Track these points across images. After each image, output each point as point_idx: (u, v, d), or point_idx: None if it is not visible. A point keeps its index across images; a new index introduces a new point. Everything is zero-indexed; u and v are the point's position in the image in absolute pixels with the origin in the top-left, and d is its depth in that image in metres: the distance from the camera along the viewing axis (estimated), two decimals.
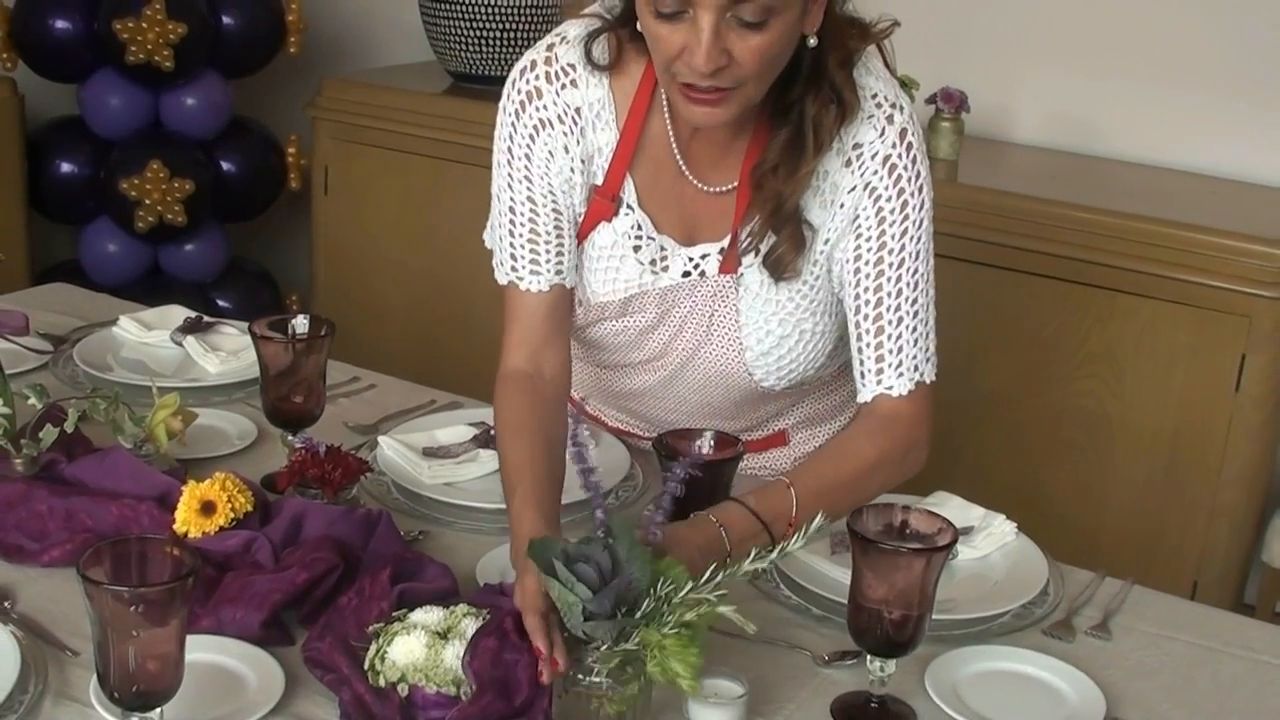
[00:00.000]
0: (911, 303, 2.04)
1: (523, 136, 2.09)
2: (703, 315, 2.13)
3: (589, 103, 2.06)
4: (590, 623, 1.55)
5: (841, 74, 1.96)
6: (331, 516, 1.94)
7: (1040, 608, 1.99)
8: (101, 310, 2.92)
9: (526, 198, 2.10)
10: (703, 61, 1.81)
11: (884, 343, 2.04)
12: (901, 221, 2.02)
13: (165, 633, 1.48)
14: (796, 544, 1.64)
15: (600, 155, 2.09)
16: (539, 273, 2.11)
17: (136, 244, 4.53)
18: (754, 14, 1.80)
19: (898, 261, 2.02)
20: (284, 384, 2.14)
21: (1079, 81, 3.94)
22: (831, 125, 1.97)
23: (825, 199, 2.04)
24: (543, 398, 2.08)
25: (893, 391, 2.05)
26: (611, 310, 2.15)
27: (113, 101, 4.43)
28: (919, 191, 2.03)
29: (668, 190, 2.10)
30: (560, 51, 2.07)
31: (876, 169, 2.01)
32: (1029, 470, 3.53)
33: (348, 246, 4.48)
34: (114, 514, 1.96)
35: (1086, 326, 3.43)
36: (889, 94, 2.02)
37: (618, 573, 1.56)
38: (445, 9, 4.23)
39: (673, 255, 2.12)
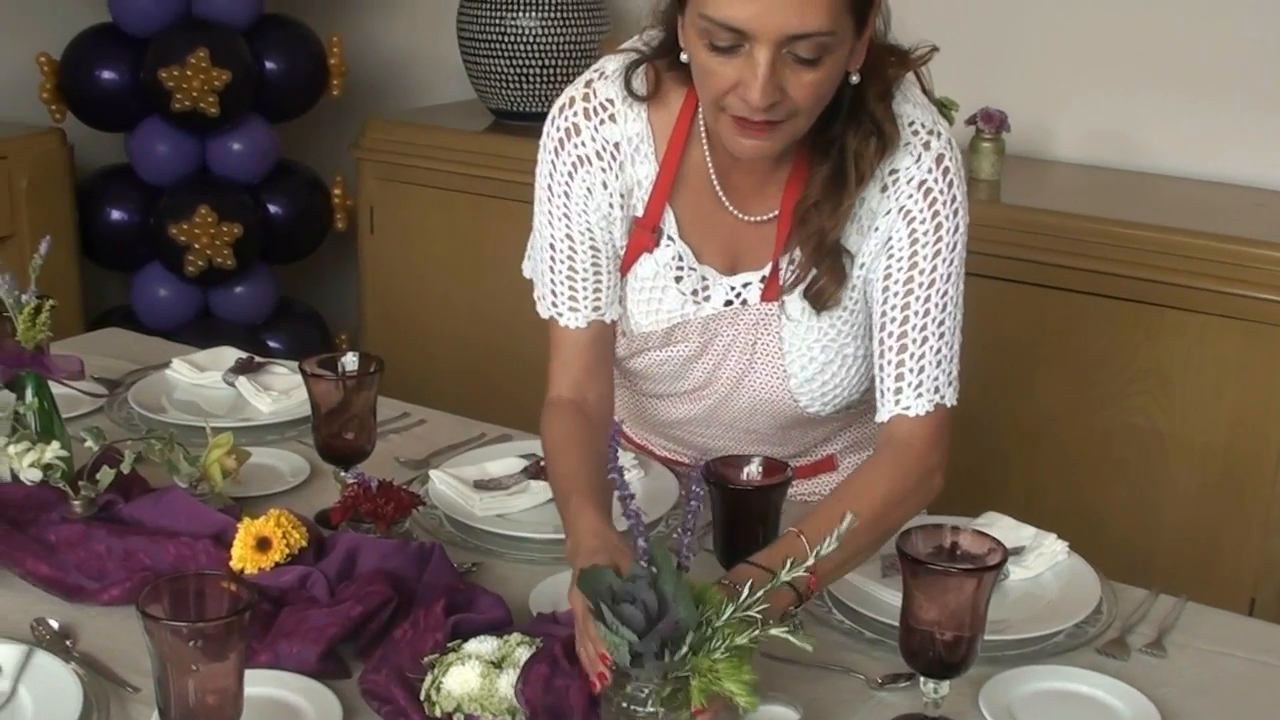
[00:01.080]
0: (938, 324, 2.03)
1: (561, 174, 2.10)
2: (746, 344, 2.14)
3: (628, 137, 2.08)
4: (637, 666, 1.55)
5: (881, 106, 1.97)
6: (385, 550, 1.96)
7: (1094, 626, 1.98)
8: (154, 353, 2.95)
9: (565, 235, 2.12)
10: (759, 96, 1.82)
11: (905, 361, 2.03)
12: (934, 243, 2.01)
13: (224, 667, 1.50)
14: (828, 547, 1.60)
15: (640, 188, 2.10)
16: (577, 309, 2.14)
17: (187, 288, 4.57)
18: (810, 51, 1.80)
19: (927, 282, 2.02)
20: (335, 421, 2.16)
21: (1119, 97, 3.93)
22: (872, 158, 1.97)
23: (861, 225, 2.04)
24: (588, 420, 2.11)
25: (909, 412, 2.03)
26: (655, 341, 2.17)
27: (160, 149, 4.48)
28: (954, 215, 2.02)
29: (708, 220, 2.11)
30: (599, 87, 2.08)
31: (911, 193, 2.01)
32: (1080, 489, 3.51)
33: (395, 284, 4.51)
34: (171, 552, 1.98)
35: (1135, 343, 3.41)
36: (926, 121, 2.03)
37: (664, 613, 1.55)
38: (486, 47, 4.26)
39: (714, 285, 2.13)
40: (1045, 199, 3.70)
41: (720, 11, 1.79)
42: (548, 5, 4.21)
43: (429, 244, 4.40)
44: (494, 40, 4.23)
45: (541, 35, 4.20)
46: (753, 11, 1.78)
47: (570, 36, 4.22)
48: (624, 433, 2.46)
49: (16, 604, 1.96)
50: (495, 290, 4.17)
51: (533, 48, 4.21)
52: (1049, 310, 3.47)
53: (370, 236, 4.51)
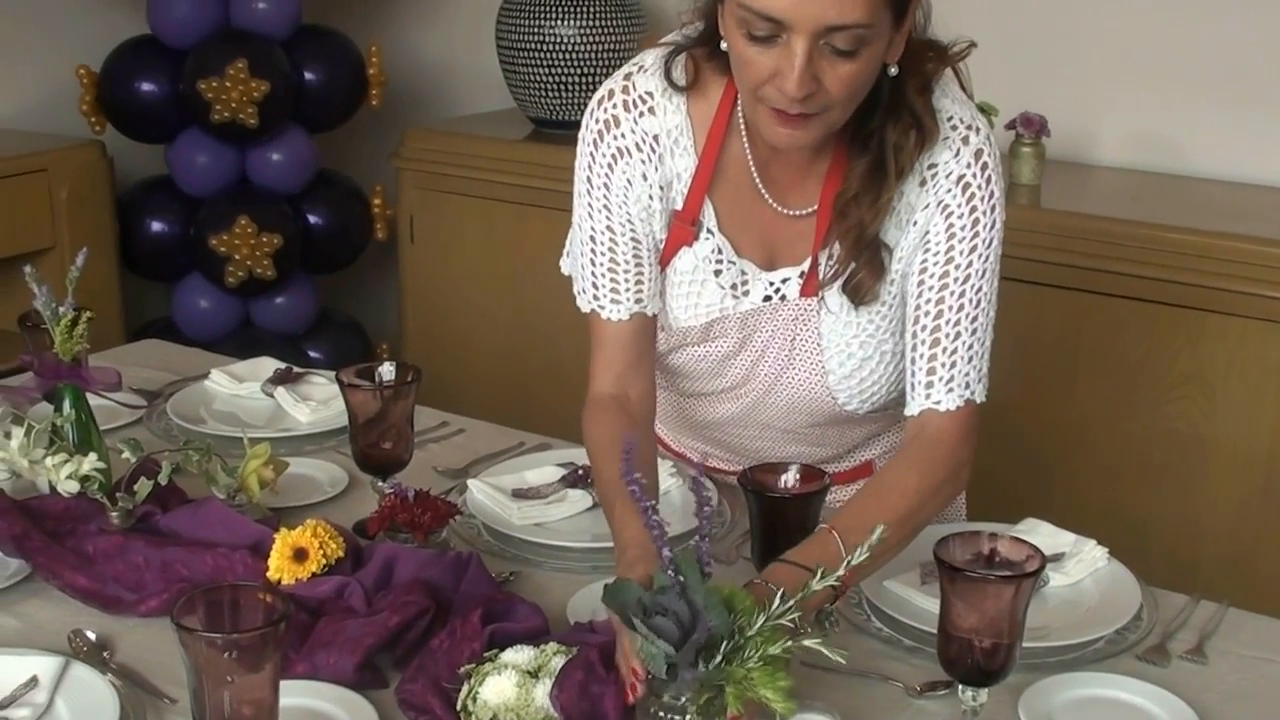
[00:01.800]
0: (971, 320, 2.03)
1: (601, 166, 2.11)
2: (784, 340, 2.14)
3: (667, 129, 2.08)
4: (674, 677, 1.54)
5: (921, 100, 1.97)
6: (422, 560, 1.95)
7: (1134, 633, 1.96)
8: (193, 364, 2.96)
9: (606, 227, 2.13)
10: (794, 87, 1.82)
11: (938, 355, 2.03)
12: (971, 239, 2.02)
13: (260, 678, 1.50)
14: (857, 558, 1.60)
15: (679, 181, 2.10)
16: (619, 302, 2.14)
17: (228, 299, 4.59)
18: (847, 43, 1.80)
19: (963, 277, 2.02)
20: (373, 431, 2.15)
21: (1159, 101, 3.91)
22: (911, 151, 1.98)
23: (900, 219, 2.04)
24: (631, 418, 2.12)
25: (940, 407, 2.03)
26: (693, 336, 2.17)
27: (200, 160, 4.50)
28: (991, 211, 2.02)
29: (747, 214, 2.11)
30: (638, 80, 2.09)
31: (950, 188, 2.01)
32: (1121, 496, 3.49)
33: (435, 294, 4.52)
34: (209, 564, 1.99)
35: (1176, 348, 3.39)
36: (965, 116, 2.03)
37: (696, 622, 1.54)
38: (524, 56, 4.27)
39: (754, 279, 2.13)
40: (1086, 204, 3.69)
41: (759, 1, 1.80)
42: (586, 13, 4.22)
43: (469, 253, 4.41)
44: (533, 48, 4.24)
45: (580, 43, 4.21)
46: (790, 1, 1.78)
47: (609, 44, 4.23)
48: (662, 440, 2.45)
49: (54, 616, 1.97)
50: (535, 299, 4.18)
51: (571, 56, 4.22)
52: (1090, 315, 3.46)
53: (410, 246, 4.53)
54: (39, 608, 1.99)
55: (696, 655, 1.53)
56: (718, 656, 1.54)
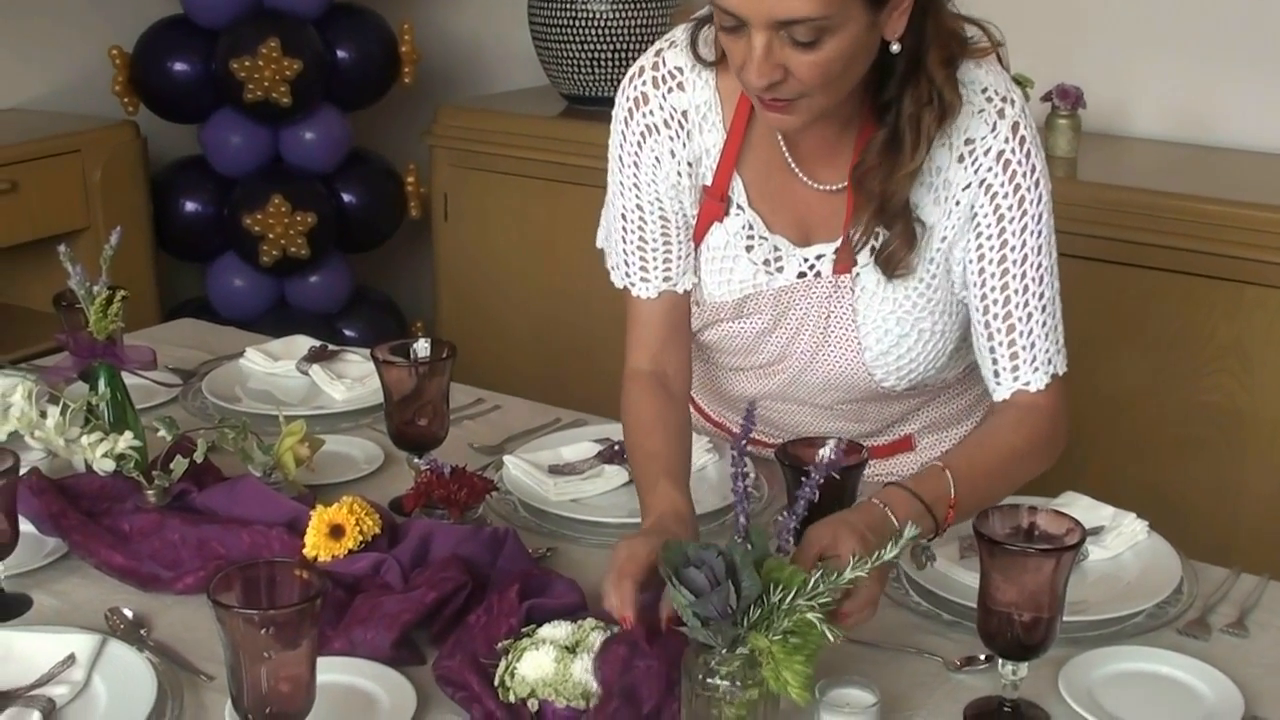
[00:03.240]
0: (1039, 297, 2.03)
1: (631, 143, 2.12)
2: (820, 316, 2.13)
3: (695, 105, 2.09)
4: (704, 627, 1.55)
5: (942, 73, 1.95)
6: (459, 536, 1.95)
7: (1174, 607, 1.95)
8: (227, 343, 2.97)
9: (635, 205, 2.14)
10: (754, 76, 1.85)
11: (1017, 339, 2.03)
12: (1020, 217, 2.01)
13: (296, 655, 1.50)
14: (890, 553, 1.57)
15: (708, 156, 2.11)
16: (648, 280, 2.16)
17: (262, 278, 4.60)
18: (806, 34, 1.80)
19: (1020, 258, 2.01)
20: (408, 408, 2.15)
21: (1196, 72, 3.89)
22: (931, 124, 1.96)
23: (939, 195, 2.03)
24: (668, 394, 2.14)
25: (1030, 387, 2.04)
26: (727, 311, 2.17)
27: (233, 140, 4.50)
28: (1035, 186, 2.01)
29: (779, 190, 2.11)
30: (668, 55, 2.10)
31: (991, 165, 2.00)
32: (1159, 468, 3.48)
33: (469, 271, 4.52)
34: (245, 541, 1.99)
35: (1214, 321, 3.37)
36: (999, 88, 2.01)
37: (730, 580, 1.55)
38: (557, 32, 4.26)
39: (787, 256, 2.12)
40: (1122, 175, 3.66)
41: None
42: None
43: (503, 230, 4.40)
44: (565, 25, 4.23)
45: (613, 19, 4.20)
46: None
47: (641, 20, 4.21)
48: (701, 410, 2.46)
49: (91, 594, 1.97)
50: (570, 275, 4.17)
51: (604, 32, 4.21)
52: (1126, 288, 3.44)
53: (444, 224, 4.53)
54: (76, 586, 1.99)
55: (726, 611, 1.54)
56: (746, 621, 1.55)
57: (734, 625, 1.54)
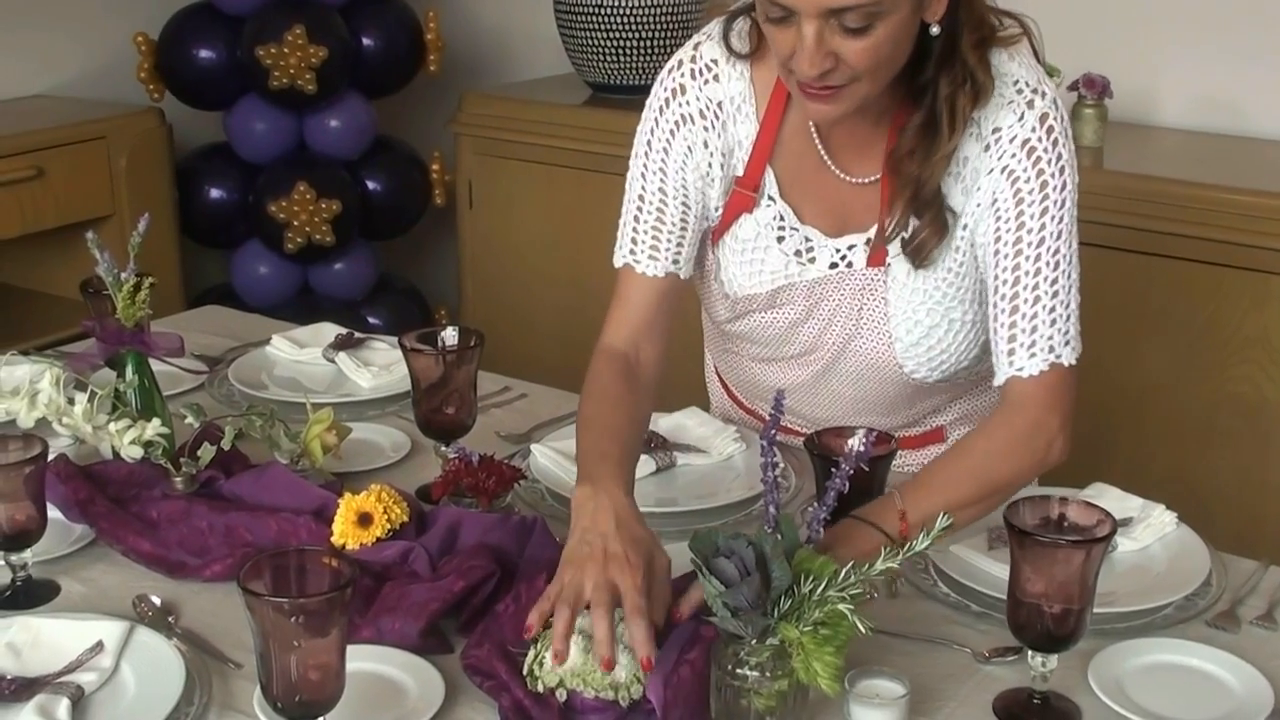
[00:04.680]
0: (1050, 283, 1.99)
1: (664, 131, 2.13)
2: (852, 308, 2.13)
3: (730, 96, 2.10)
4: (734, 617, 1.55)
5: (975, 54, 1.95)
6: (487, 524, 1.95)
7: (1203, 599, 1.95)
8: (254, 330, 2.97)
9: (659, 188, 2.15)
10: (806, 66, 1.85)
11: (1017, 322, 1.99)
12: (1040, 201, 1.99)
13: (326, 643, 1.50)
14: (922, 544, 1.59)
15: (741, 148, 2.11)
16: (657, 259, 2.15)
17: (287, 265, 4.60)
18: (857, 20, 1.82)
19: (1036, 241, 1.99)
20: (436, 396, 2.15)
21: (1223, 61, 3.86)
22: (965, 105, 1.96)
23: (966, 184, 2.03)
24: (634, 376, 2.13)
25: (1023, 373, 1.99)
26: (759, 302, 2.17)
27: (258, 127, 4.50)
28: (1059, 174, 1.99)
29: (810, 181, 2.11)
30: (705, 48, 2.12)
31: (1015, 152, 1.99)
32: (1186, 460, 3.47)
33: (494, 259, 4.51)
34: (273, 528, 1.99)
35: (1241, 311, 3.36)
36: (1031, 80, 2.00)
37: (760, 570, 1.55)
38: (582, 20, 4.25)
39: (819, 247, 2.13)
40: (1149, 165, 3.65)
41: None
42: None
43: (528, 218, 4.40)
44: (590, 13, 4.22)
45: (638, 7, 4.18)
46: None
47: (667, 8, 4.20)
48: (735, 398, 2.47)
49: (119, 581, 1.97)
50: (594, 263, 4.10)
51: (629, 20, 4.19)
52: (1153, 278, 3.43)
53: (469, 212, 4.52)
54: (103, 573, 2.00)
55: (755, 602, 1.54)
56: (776, 611, 1.55)
57: (764, 616, 1.54)
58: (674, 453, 2.29)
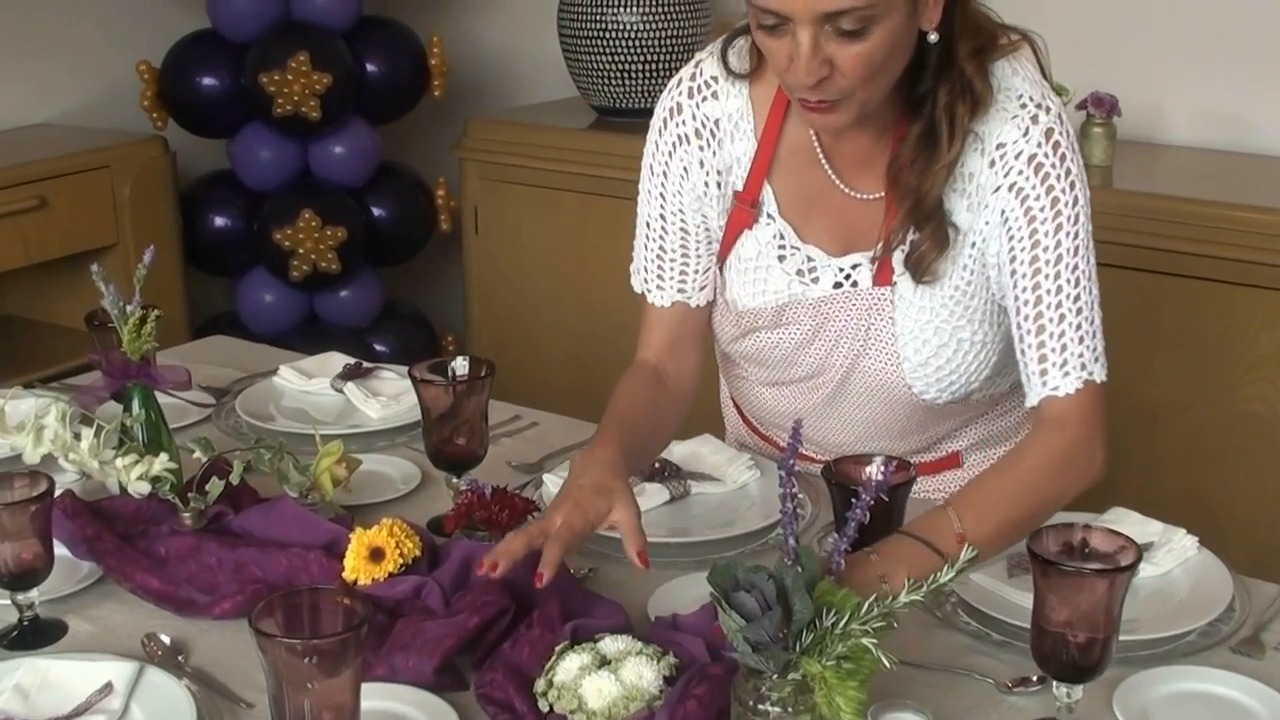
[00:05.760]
0: (1073, 300, 1.98)
1: (662, 152, 2.17)
2: (858, 328, 2.12)
3: (728, 113, 2.11)
4: (754, 652, 1.52)
5: (973, 63, 1.95)
6: None
7: (1227, 624, 1.92)
8: (260, 360, 2.95)
9: (659, 214, 2.19)
10: (803, 74, 1.85)
11: (1046, 342, 1.98)
12: (1054, 219, 1.97)
13: (340, 683, 1.47)
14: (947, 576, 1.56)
15: (739, 165, 2.12)
16: (662, 289, 2.22)
17: (292, 293, 4.58)
18: (852, 23, 1.82)
19: (1053, 259, 1.97)
20: (446, 426, 2.13)
21: (1231, 78, 3.84)
22: (964, 115, 1.96)
23: (972, 201, 2.02)
24: (663, 386, 2.20)
25: (1059, 392, 1.98)
26: (765, 319, 2.16)
27: (262, 154, 4.49)
28: (1069, 189, 1.98)
29: (814, 199, 2.11)
30: (705, 65, 2.13)
31: (1021, 169, 1.98)
32: (1200, 479, 3.45)
33: (501, 285, 4.50)
34: (283, 564, 1.96)
35: (1254, 330, 3.33)
36: (1035, 95, 2.00)
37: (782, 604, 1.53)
38: (587, 44, 4.24)
39: (822, 266, 2.12)
40: (1159, 183, 3.63)
41: None
42: (648, 0, 4.17)
43: (534, 243, 4.38)
44: (595, 36, 4.21)
45: (643, 30, 4.18)
46: None
47: (672, 31, 4.19)
48: (751, 424, 2.46)
49: (127, 619, 1.95)
50: (602, 288, 4.15)
51: (635, 43, 4.19)
52: (1165, 297, 3.40)
53: (475, 237, 4.51)
54: (111, 611, 1.97)
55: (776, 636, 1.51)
56: (798, 646, 1.52)
57: (785, 650, 1.52)
58: (688, 481, 2.26)
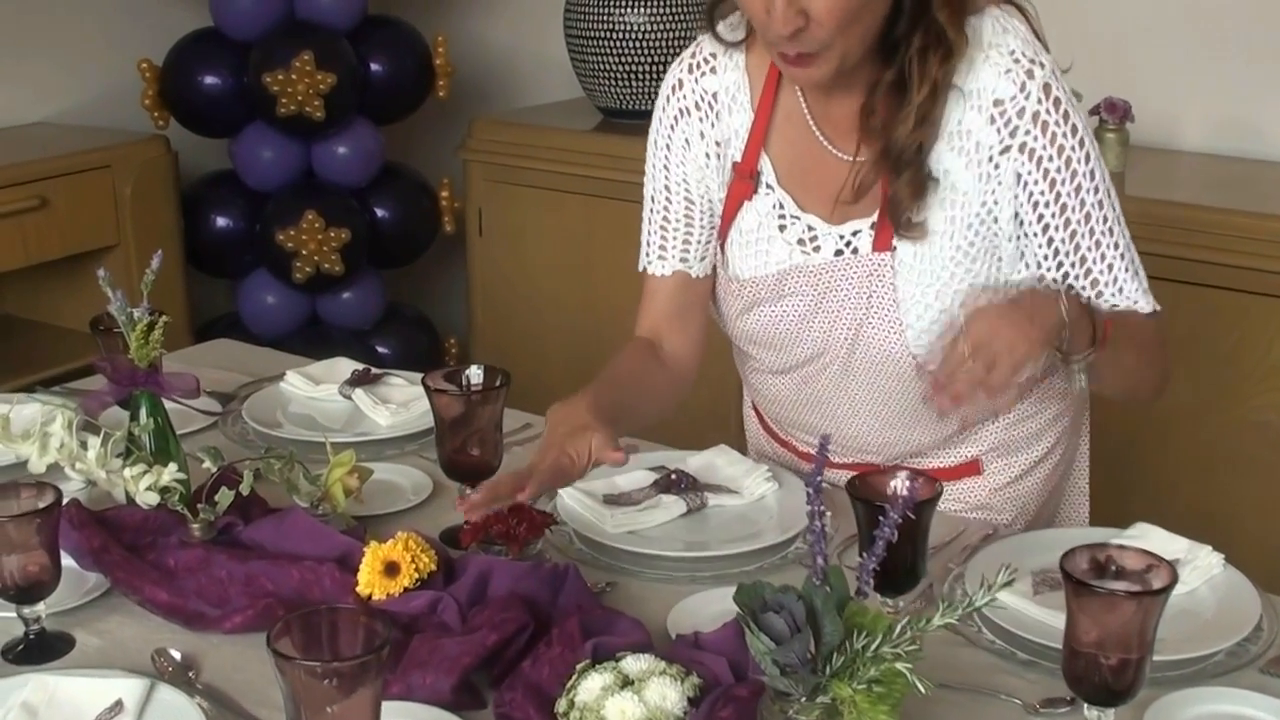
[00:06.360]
0: (1115, 247, 2.07)
1: (665, 127, 2.23)
2: (860, 297, 2.13)
3: (725, 86, 2.16)
4: (784, 675, 1.49)
5: (946, 11, 1.96)
6: (517, 573, 1.88)
7: (1255, 644, 1.88)
8: (266, 365, 2.91)
9: (664, 185, 2.24)
10: (779, 24, 1.88)
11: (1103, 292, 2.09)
12: (1071, 177, 2.03)
13: (360, 703, 1.43)
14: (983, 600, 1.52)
15: (737, 137, 2.17)
16: (664, 258, 2.26)
17: (294, 295, 4.54)
18: None
19: (1083, 218, 2.05)
20: (459, 437, 2.09)
21: (1244, 84, 3.83)
22: (934, 64, 1.97)
23: (971, 159, 2.03)
24: (656, 357, 2.27)
25: (1140, 308, 2.13)
26: (767, 289, 2.17)
27: (265, 154, 4.45)
28: (1080, 146, 2.02)
29: (812, 167, 2.13)
30: (704, 43, 2.20)
31: (1028, 127, 2.01)
32: (1211, 488, 3.43)
33: (504, 287, 4.47)
34: (295, 577, 1.92)
35: (1268, 339, 3.32)
36: (1027, 50, 2.02)
37: (810, 625, 1.49)
38: (593, 45, 4.22)
39: (822, 235, 2.14)
40: (1172, 190, 3.61)
41: None
42: (655, 1, 4.15)
43: (539, 245, 4.36)
44: (602, 37, 4.19)
45: (650, 31, 4.16)
46: None
47: (679, 32, 4.17)
48: (769, 428, 2.45)
49: (136, 633, 1.90)
50: (607, 291, 4.12)
51: (641, 44, 4.17)
52: (1178, 305, 3.34)
53: (479, 239, 4.48)
54: (120, 624, 1.93)
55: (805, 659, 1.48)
56: (828, 669, 1.48)
57: (814, 673, 1.48)
58: (705, 494, 2.22)
